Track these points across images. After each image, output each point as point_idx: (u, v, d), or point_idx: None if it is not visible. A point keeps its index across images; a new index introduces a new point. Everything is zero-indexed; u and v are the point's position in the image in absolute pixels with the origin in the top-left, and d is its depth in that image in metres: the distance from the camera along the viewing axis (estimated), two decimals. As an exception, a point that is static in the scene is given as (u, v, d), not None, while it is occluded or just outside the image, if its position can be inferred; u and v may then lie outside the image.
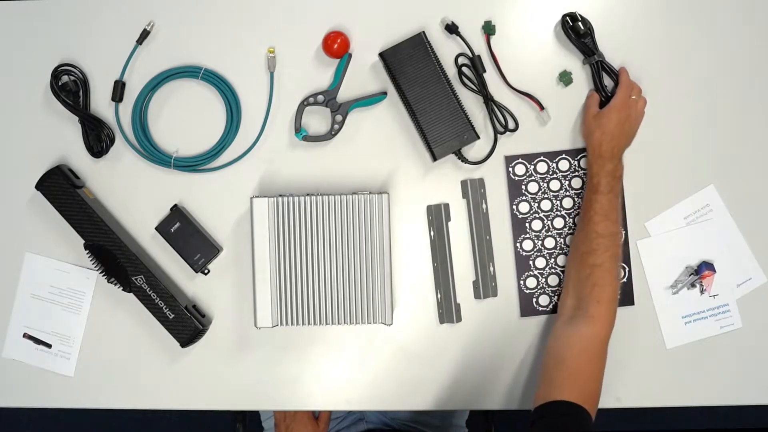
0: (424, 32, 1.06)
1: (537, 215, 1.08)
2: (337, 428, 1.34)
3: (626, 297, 1.08)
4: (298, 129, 1.07)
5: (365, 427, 1.31)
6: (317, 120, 1.09)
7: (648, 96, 1.08)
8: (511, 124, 1.08)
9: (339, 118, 1.07)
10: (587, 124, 1.05)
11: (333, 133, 1.07)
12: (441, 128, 1.05)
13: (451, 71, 1.08)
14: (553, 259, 1.08)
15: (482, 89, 1.07)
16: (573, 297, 1.00)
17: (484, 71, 1.08)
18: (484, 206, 1.08)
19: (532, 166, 1.08)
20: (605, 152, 1.00)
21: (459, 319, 1.08)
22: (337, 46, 1.06)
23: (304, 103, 1.07)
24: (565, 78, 1.08)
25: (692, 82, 1.09)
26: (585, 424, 0.87)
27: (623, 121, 1.01)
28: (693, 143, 1.09)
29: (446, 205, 1.09)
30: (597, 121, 1.02)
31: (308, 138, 1.08)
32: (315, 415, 1.33)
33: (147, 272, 1.05)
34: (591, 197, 1.01)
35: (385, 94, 1.09)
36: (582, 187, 1.08)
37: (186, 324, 1.04)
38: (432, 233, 1.09)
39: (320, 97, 1.07)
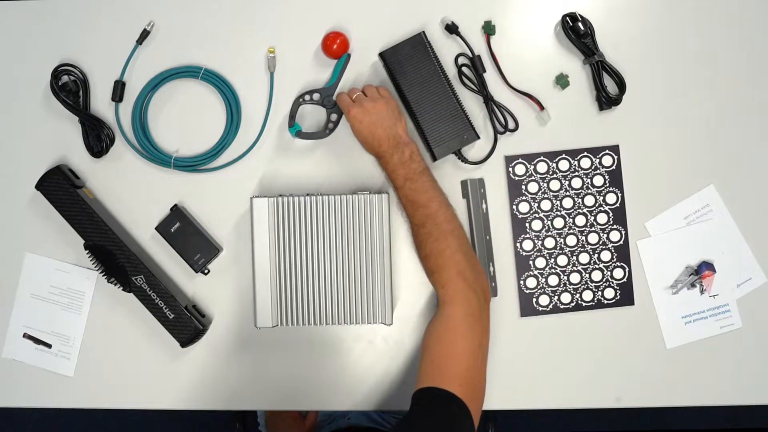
0: (424, 32, 1.06)
1: (537, 215, 1.08)
2: (323, 427, 1.34)
3: (626, 297, 1.08)
4: (292, 124, 1.07)
5: (346, 424, 1.30)
6: (314, 118, 1.09)
7: (648, 96, 1.08)
8: (511, 124, 1.08)
9: (334, 116, 1.07)
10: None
11: (328, 131, 1.07)
12: (441, 128, 1.05)
13: (451, 71, 1.08)
14: (553, 259, 1.08)
15: (482, 89, 1.07)
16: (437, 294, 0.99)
17: (484, 71, 1.08)
18: (484, 206, 1.08)
19: (532, 166, 1.08)
20: (372, 152, 1.02)
21: (459, 319, 1.08)
22: (336, 47, 1.06)
23: (299, 99, 1.07)
24: (562, 81, 1.08)
25: (692, 81, 1.09)
26: (440, 407, 0.84)
27: (360, 123, 1.00)
28: (693, 143, 1.09)
29: (446, 205, 1.08)
30: (354, 132, 1.03)
31: (302, 134, 1.07)
32: (303, 415, 1.32)
33: (147, 272, 1.05)
34: (397, 195, 1.02)
35: (385, 94, 1.08)
36: (582, 187, 1.08)
37: (186, 324, 1.04)
38: (432, 233, 1.09)
39: (316, 96, 1.07)
